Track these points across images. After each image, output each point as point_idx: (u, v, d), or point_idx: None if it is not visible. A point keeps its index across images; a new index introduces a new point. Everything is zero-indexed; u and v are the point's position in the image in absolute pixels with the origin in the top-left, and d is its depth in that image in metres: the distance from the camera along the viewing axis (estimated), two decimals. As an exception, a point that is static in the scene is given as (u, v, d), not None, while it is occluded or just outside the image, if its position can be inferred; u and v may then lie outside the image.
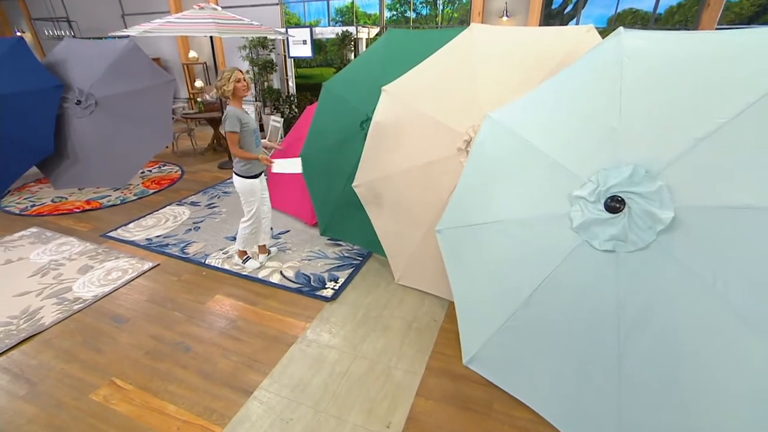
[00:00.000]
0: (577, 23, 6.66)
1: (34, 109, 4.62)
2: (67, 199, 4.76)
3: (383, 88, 3.01)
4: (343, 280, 3.06)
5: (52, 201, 4.70)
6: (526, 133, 2.12)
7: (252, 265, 3.22)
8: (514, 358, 2.16)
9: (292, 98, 7.16)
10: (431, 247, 2.84)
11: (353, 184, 3.20)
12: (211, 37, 5.26)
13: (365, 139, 3.13)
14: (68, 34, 9.63)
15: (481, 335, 2.30)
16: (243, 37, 7.32)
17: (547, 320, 1.96)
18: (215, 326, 2.57)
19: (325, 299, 2.84)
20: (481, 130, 2.38)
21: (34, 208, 4.50)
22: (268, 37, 6.81)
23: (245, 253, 3.25)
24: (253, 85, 7.67)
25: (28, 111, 4.59)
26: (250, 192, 2.96)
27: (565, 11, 7.04)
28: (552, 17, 6.77)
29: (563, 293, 1.87)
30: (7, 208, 4.49)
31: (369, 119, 3.18)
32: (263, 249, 3.34)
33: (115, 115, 4.91)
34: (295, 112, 7.05)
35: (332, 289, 2.95)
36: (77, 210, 4.43)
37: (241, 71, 2.77)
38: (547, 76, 2.52)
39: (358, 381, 2.20)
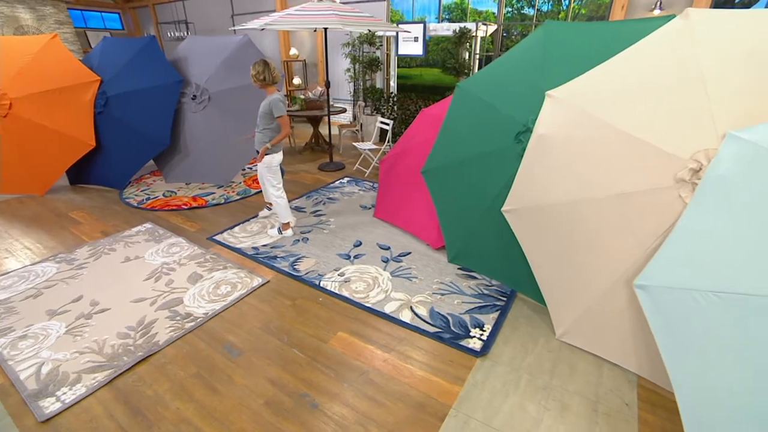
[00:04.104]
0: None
1: (157, 103, 4.66)
2: (176, 193, 4.73)
3: (548, 93, 2.38)
4: (489, 327, 2.43)
5: (164, 195, 4.69)
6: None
7: (289, 233, 3.61)
8: None
9: (393, 98, 6.70)
10: (620, 304, 2.12)
11: (503, 209, 2.59)
12: (325, 34, 4.95)
13: (522, 155, 2.51)
14: (186, 35, 10.24)
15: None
16: (347, 34, 7.05)
17: None
18: (345, 377, 2.08)
19: (474, 353, 2.24)
20: (721, 157, 1.67)
21: (149, 201, 4.50)
22: (377, 33, 6.43)
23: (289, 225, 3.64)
24: (352, 83, 7.37)
25: (153, 105, 4.64)
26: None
27: None
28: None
29: None
30: (128, 200, 4.55)
31: (528, 131, 2.55)
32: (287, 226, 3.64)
33: (224, 110, 4.81)
34: (396, 114, 6.59)
35: (479, 339, 2.34)
36: (185, 207, 4.34)
37: (254, 66, 3.15)
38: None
39: (549, 498, 1.56)
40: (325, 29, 4.74)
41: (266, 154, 3.30)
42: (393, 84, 6.97)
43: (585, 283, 2.27)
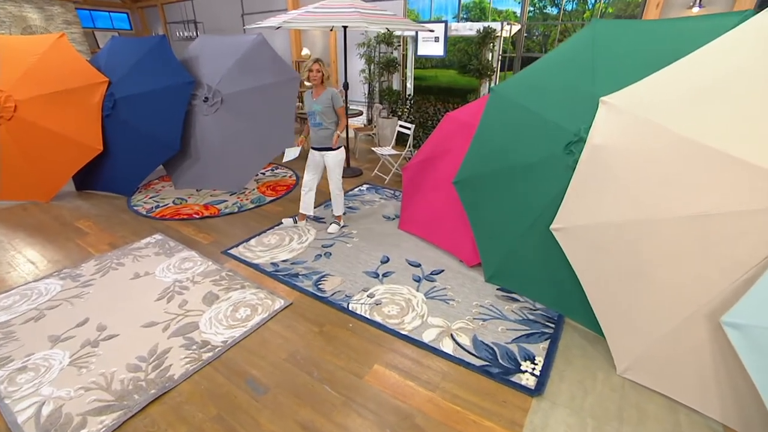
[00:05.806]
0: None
1: (167, 106, 4.43)
2: (186, 201, 4.50)
3: (602, 99, 2.13)
4: (541, 360, 2.17)
5: (173, 203, 4.46)
6: None
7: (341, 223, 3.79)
8: None
9: (410, 101, 6.44)
10: (698, 340, 1.86)
11: (552, 226, 2.34)
12: (345, 33, 4.70)
13: (573, 167, 2.27)
14: (195, 34, 10.05)
15: None
16: (362, 33, 6.80)
17: None
18: (386, 421, 1.83)
19: (529, 392, 1.98)
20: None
21: (159, 209, 4.27)
22: (395, 33, 6.18)
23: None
24: (367, 85, 7.13)
25: (163, 108, 4.41)
26: None
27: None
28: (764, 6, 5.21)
29: None
30: (135, 207, 4.33)
31: (581, 140, 2.31)
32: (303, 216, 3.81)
33: (238, 113, 4.57)
34: (413, 117, 6.33)
35: (532, 374, 2.07)
36: (197, 216, 4.11)
37: (317, 62, 3.23)
38: None
39: None
40: (345, 28, 4.50)
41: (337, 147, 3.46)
42: (410, 86, 6.72)
43: (652, 312, 2.01)
